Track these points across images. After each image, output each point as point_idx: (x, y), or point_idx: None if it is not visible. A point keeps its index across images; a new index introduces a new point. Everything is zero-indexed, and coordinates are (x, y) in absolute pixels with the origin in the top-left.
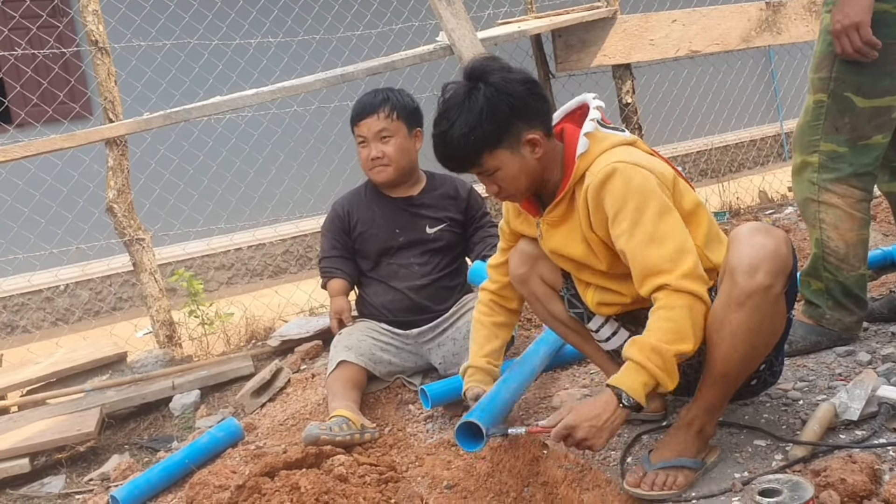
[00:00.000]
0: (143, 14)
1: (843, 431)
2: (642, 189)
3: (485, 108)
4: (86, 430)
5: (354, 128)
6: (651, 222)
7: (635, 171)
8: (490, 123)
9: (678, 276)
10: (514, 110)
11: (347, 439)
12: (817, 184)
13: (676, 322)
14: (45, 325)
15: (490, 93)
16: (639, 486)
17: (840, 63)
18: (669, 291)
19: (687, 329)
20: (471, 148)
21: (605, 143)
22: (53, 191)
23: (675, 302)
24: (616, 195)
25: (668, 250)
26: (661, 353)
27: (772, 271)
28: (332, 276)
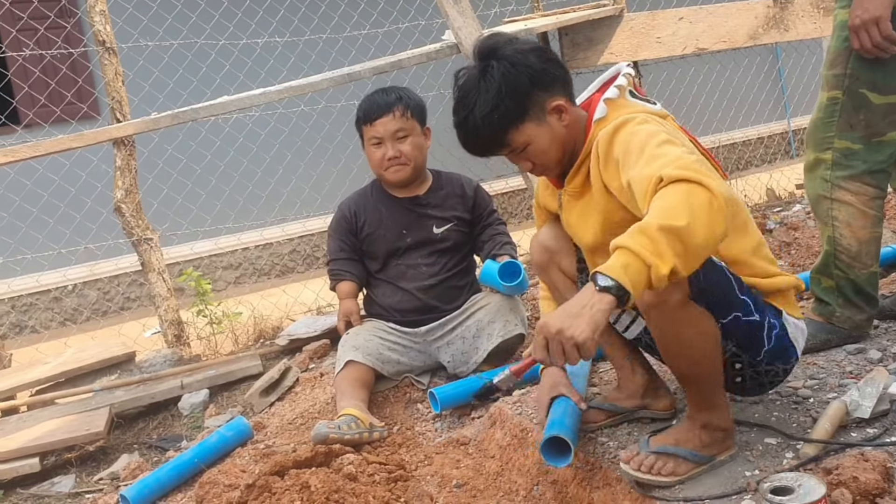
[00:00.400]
0: (150, 14)
1: (854, 429)
2: (650, 129)
3: (502, 84)
4: (95, 429)
5: (367, 127)
6: (653, 148)
7: (647, 118)
8: (511, 99)
9: (672, 168)
10: (533, 80)
11: (356, 438)
12: (830, 181)
13: (665, 200)
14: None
15: (505, 67)
16: (629, 462)
17: (855, 59)
18: (664, 183)
19: (677, 206)
20: (496, 127)
21: (625, 109)
22: (61, 191)
23: (667, 188)
24: (624, 138)
25: (667, 159)
26: (646, 230)
27: (654, 291)
28: (341, 278)
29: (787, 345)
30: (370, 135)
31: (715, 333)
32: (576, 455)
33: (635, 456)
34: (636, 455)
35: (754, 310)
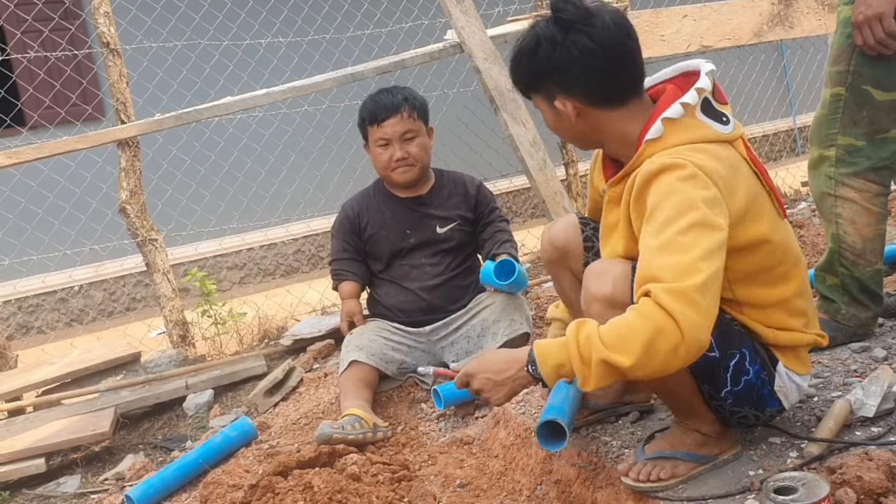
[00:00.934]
0: (153, 15)
1: (858, 428)
2: (690, 195)
3: (526, 50)
4: (100, 430)
5: (373, 128)
6: (677, 230)
7: (696, 174)
8: (527, 69)
9: (665, 289)
10: (549, 70)
11: (360, 438)
12: (834, 178)
13: (630, 331)
14: (60, 326)
15: (545, 37)
16: (627, 474)
17: (859, 56)
18: (648, 300)
19: (636, 343)
20: (515, 79)
21: (685, 134)
22: (66, 192)
23: (645, 310)
24: (660, 191)
25: (677, 261)
26: (592, 349)
27: (598, 314)
28: (343, 278)
29: (765, 395)
30: (377, 136)
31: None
32: (578, 454)
33: (633, 466)
34: (634, 465)
35: (715, 345)
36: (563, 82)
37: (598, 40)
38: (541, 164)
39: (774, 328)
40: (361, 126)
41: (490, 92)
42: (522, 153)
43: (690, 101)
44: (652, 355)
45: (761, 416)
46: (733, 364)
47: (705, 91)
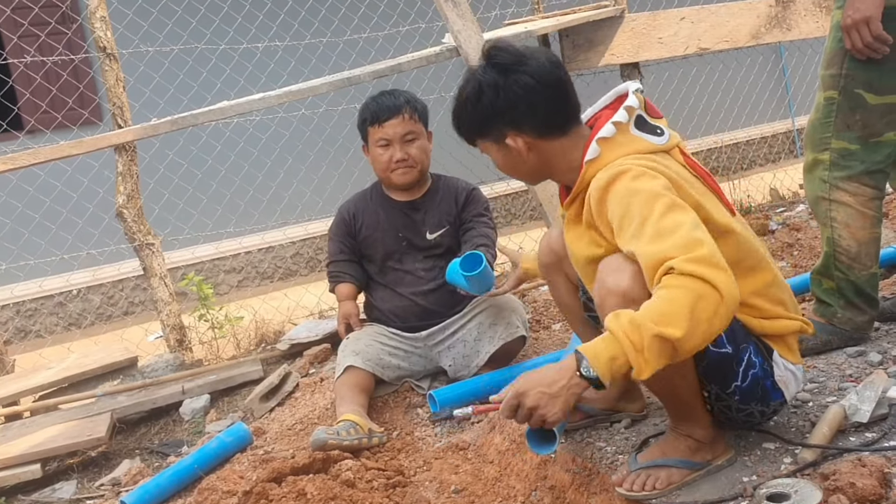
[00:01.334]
0: (150, 20)
1: (852, 434)
2: (649, 190)
3: (471, 97)
4: (97, 435)
5: (374, 128)
6: (657, 218)
7: (644, 172)
8: (474, 115)
9: (685, 260)
10: (497, 113)
11: (355, 444)
12: (829, 182)
13: (671, 303)
14: (58, 330)
15: (487, 83)
16: (621, 484)
17: (851, 59)
18: (674, 275)
19: (680, 312)
20: (461, 128)
21: (621, 150)
22: (63, 197)
23: (677, 283)
24: (619, 200)
25: (677, 239)
26: (641, 330)
27: (614, 307)
28: (340, 280)
29: (768, 387)
30: (378, 136)
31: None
32: (573, 460)
33: (627, 476)
34: (627, 475)
35: (726, 342)
36: (512, 120)
37: (537, 77)
38: None
39: (760, 318)
40: (362, 127)
41: None
42: None
43: (622, 120)
44: (698, 321)
45: (766, 410)
46: (746, 358)
47: (635, 109)
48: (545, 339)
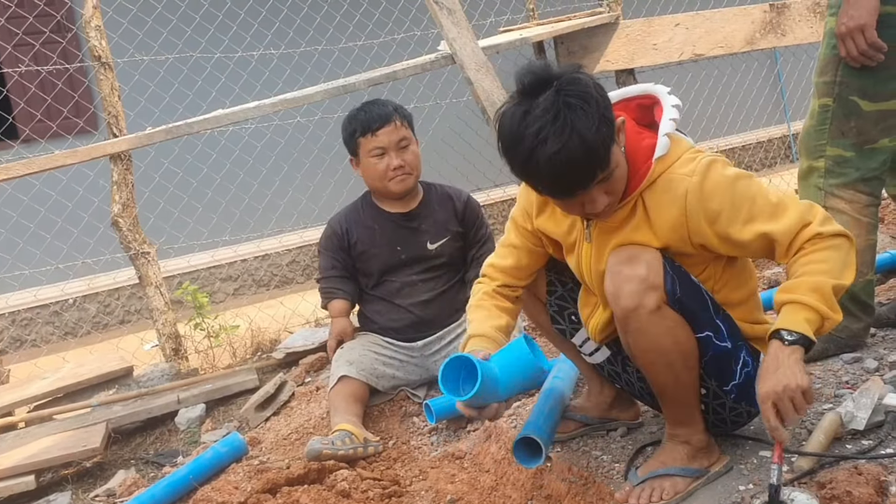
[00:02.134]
0: (145, 28)
1: (849, 441)
2: (741, 174)
3: (598, 96)
4: (91, 445)
5: (367, 139)
6: (765, 198)
7: (727, 162)
8: (609, 111)
9: (818, 224)
10: (602, 94)
11: (350, 453)
12: (824, 189)
13: (830, 260)
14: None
15: (586, 83)
16: (626, 500)
17: (845, 66)
18: (820, 239)
19: (842, 264)
20: (606, 142)
21: (683, 145)
22: (58, 206)
23: (825, 244)
24: (722, 188)
25: (797, 209)
26: (820, 288)
27: (631, 294)
28: (333, 296)
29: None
30: (372, 146)
31: (691, 344)
32: (569, 469)
33: (631, 492)
34: (631, 490)
35: (727, 336)
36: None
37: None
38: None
39: (750, 322)
40: (350, 140)
41: (482, 103)
42: None
43: (677, 117)
44: (853, 268)
45: (752, 411)
46: (742, 357)
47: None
48: (542, 346)
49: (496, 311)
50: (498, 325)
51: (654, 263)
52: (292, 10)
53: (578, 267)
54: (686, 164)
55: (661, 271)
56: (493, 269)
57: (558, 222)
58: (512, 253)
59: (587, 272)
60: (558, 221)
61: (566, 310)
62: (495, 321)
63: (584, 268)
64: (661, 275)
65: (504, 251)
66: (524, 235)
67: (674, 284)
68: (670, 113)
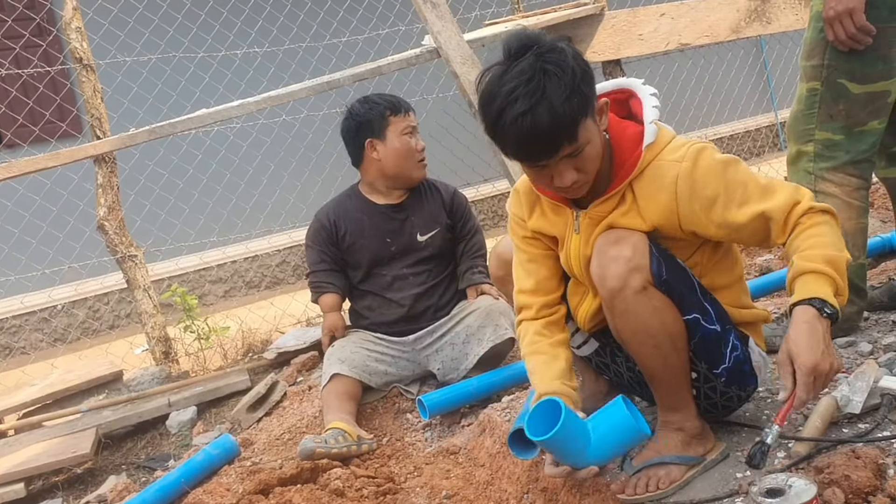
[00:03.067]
0: (126, 29)
1: (845, 425)
2: (730, 159)
3: (576, 67)
4: (81, 451)
5: (398, 118)
6: (755, 182)
7: (716, 148)
8: (586, 85)
9: (810, 199)
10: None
11: (344, 451)
12: (814, 173)
13: (830, 236)
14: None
15: (569, 53)
16: (623, 491)
17: (832, 49)
18: (812, 213)
19: (838, 237)
20: (576, 113)
21: (668, 133)
22: (43, 211)
23: (820, 219)
24: (714, 173)
25: (786, 188)
26: (835, 262)
27: (617, 275)
28: (324, 290)
29: (746, 371)
30: (405, 124)
31: (679, 326)
32: None
33: (627, 482)
34: (627, 481)
35: (715, 319)
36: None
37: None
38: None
39: (738, 307)
40: (379, 119)
41: (468, 96)
42: (503, 157)
43: (657, 105)
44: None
45: (743, 395)
46: (731, 340)
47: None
48: None
49: (551, 352)
50: (560, 370)
51: (640, 245)
52: (275, 7)
53: (567, 259)
54: (675, 150)
55: (646, 253)
56: (524, 296)
57: (550, 221)
58: (528, 270)
59: (575, 261)
60: (550, 220)
61: None
62: (556, 366)
63: (573, 258)
64: (646, 256)
65: (520, 273)
66: (528, 244)
67: (660, 266)
68: (651, 101)
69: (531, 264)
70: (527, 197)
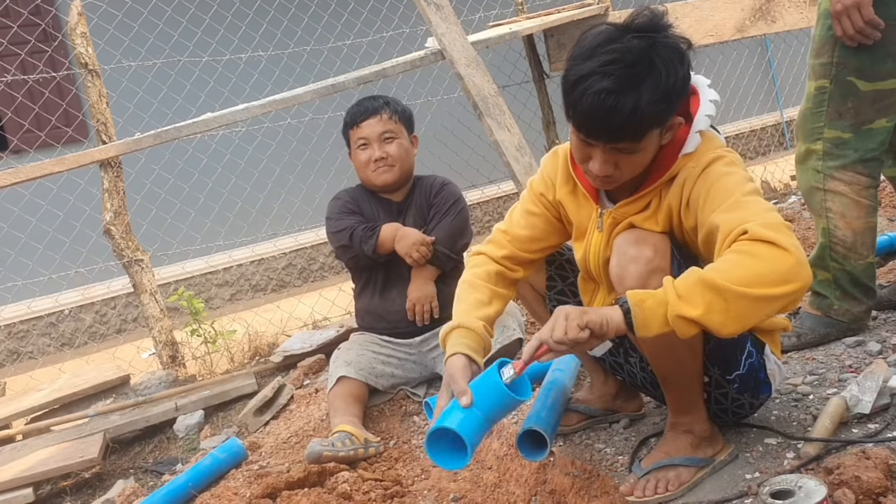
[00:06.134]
0: (132, 34)
1: (855, 426)
2: (739, 174)
3: (680, 76)
4: (89, 456)
5: (353, 130)
6: (739, 196)
7: (736, 163)
8: (678, 97)
9: (761, 224)
10: (686, 86)
11: (351, 454)
12: (822, 172)
13: (738, 267)
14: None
15: (686, 60)
16: (632, 493)
17: (841, 47)
18: (749, 240)
19: (747, 276)
20: (654, 119)
21: (714, 142)
22: (50, 216)
23: (748, 247)
24: (712, 178)
25: (755, 210)
26: (719, 290)
27: (636, 275)
28: (376, 227)
29: (761, 379)
30: (356, 137)
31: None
32: (572, 463)
33: (636, 484)
34: (636, 483)
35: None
36: (685, 93)
37: (688, 61)
38: (527, 168)
39: None
40: (344, 132)
41: (473, 98)
42: (508, 158)
43: (711, 113)
44: (766, 282)
45: (755, 403)
46: (746, 347)
47: (712, 113)
48: None
49: (489, 296)
50: (486, 315)
51: (662, 246)
52: (279, 11)
53: (585, 255)
54: (700, 156)
55: (668, 254)
56: (504, 236)
57: (578, 204)
58: (528, 221)
59: (594, 259)
60: (578, 203)
61: (566, 304)
62: (485, 310)
63: (592, 255)
64: (668, 258)
65: (517, 217)
66: (543, 203)
67: (680, 269)
68: (706, 108)
69: (534, 218)
70: (565, 166)
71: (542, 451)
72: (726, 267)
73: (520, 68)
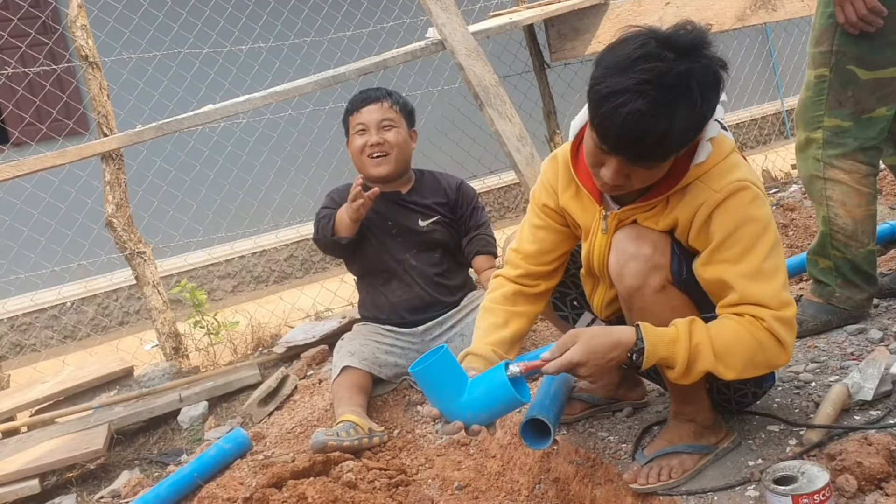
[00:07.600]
0: (132, 26)
1: (857, 412)
2: (762, 220)
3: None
4: (94, 447)
5: (353, 116)
6: (761, 257)
7: (758, 195)
8: (703, 124)
9: (774, 317)
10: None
11: (356, 444)
12: (822, 160)
13: (742, 346)
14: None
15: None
16: (635, 480)
17: (841, 35)
18: (761, 326)
19: (744, 359)
20: (679, 145)
21: (723, 147)
22: (52, 208)
23: (761, 336)
24: (732, 218)
25: (775, 288)
26: (701, 357)
27: (636, 273)
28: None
29: None
30: (355, 122)
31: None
32: (576, 451)
33: (639, 471)
34: (639, 470)
35: None
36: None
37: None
38: (528, 158)
39: None
40: (344, 119)
41: (474, 88)
42: (510, 148)
43: (721, 117)
44: (753, 367)
45: (758, 392)
46: None
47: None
48: (543, 331)
49: (505, 318)
50: (501, 338)
51: (661, 243)
52: (280, 2)
53: (589, 254)
54: (721, 177)
55: (667, 251)
56: (516, 255)
57: (582, 206)
58: (536, 235)
59: (598, 260)
60: (583, 205)
61: (568, 296)
62: (499, 333)
63: (597, 256)
64: (667, 255)
65: (526, 234)
66: (547, 214)
67: (681, 265)
68: (717, 112)
69: (541, 231)
70: (565, 170)
71: (546, 440)
72: (736, 349)
73: (520, 58)
